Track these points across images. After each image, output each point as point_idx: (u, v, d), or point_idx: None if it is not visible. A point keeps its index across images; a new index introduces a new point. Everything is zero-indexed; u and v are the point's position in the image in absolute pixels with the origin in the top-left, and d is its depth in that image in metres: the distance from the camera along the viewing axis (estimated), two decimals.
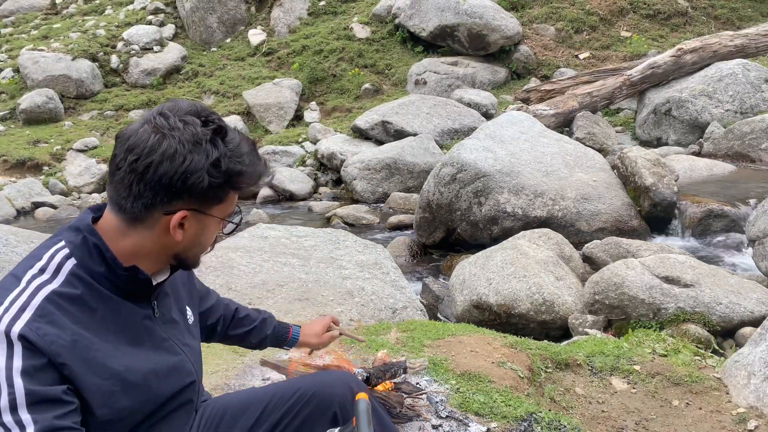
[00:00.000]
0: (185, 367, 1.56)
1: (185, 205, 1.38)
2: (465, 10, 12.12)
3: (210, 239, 1.50)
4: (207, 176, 1.36)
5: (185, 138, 1.34)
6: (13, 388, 1.25)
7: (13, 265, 1.55)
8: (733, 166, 7.54)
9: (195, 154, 1.34)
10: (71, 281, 1.37)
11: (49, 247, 1.41)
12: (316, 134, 10.73)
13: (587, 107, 9.65)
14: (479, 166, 6.08)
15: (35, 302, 1.32)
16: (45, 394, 1.27)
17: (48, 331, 1.30)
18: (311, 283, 4.13)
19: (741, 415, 2.78)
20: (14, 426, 1.25)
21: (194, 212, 1.40)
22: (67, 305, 1.35)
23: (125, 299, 1.44)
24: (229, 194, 1.43)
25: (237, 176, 1.40)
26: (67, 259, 1.39)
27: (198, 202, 1.39)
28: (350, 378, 1.80)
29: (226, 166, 1.38)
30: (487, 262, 4.73)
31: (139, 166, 1.34)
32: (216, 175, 1.37)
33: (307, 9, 14.46)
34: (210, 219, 1.44)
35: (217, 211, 1.44)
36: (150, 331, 1.49)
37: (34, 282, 1.35)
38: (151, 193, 1.35)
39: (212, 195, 1.39)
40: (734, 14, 13.26)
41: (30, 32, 15.23)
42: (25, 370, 1.27)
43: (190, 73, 13.41)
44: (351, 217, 7.93)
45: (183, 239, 1.42)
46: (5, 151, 10.69)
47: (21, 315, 1.30)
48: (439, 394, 2.62)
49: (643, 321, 4.02)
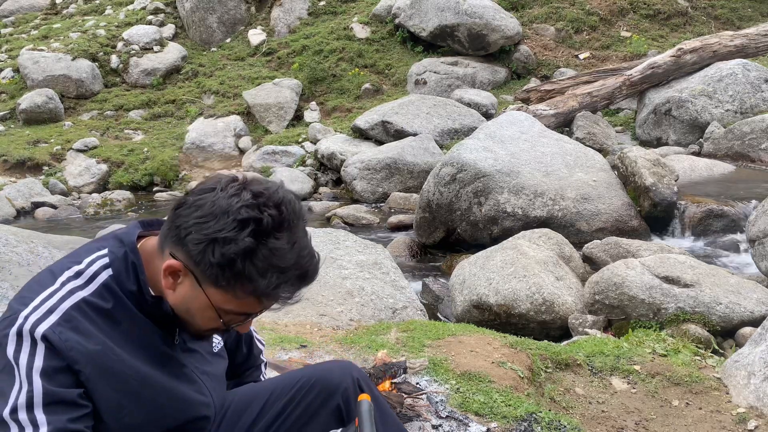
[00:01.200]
0: (200, 397, 1.54)
1: (183, 259, 1.31)
2: (465, 10, 12.12)
3: (204, 318, 1.38)
4: (205, 246, 1.27)
5: (221, 203, 1.27)
6: (32, 386, 1.27)
7: (14, 265, 1.57)
8: (733, 166, 7.54)
9: (212, 220, 1.27)
10: (102, 293, 1.38)
11: (92, 251, 1.42)
12: (316, 134, 10.73)
13: (587, 107, 9.65)
14: (479, 166, 6.08)
15: (64, 306, 1.33)
16: (61, 395, 1.29)
17: (70, 337, 1.31)
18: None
19: (741, 415, 2.78)
20: (28, 424, 1.26)
21: (191, 275, 1.32)
22: (93, 314, 1.36)
23: (150, 321, 1.43)
24: (235, 289, 1.30)
25: (237, 274, 1.27)
26: (104, 269, 1.39)
27: (197, 267, 1.30)
28: (351, 366, 1.79)
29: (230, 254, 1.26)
30: (487, 262, 4.73)
31: (181, 199, 1.35)
32: (214, 252, 1.26)
33: (307, 9, 14.45)
34: (203, 295, 1.33)
35: (214, 295, 1.32)
36: (169, 357, 1.48)
37: (68, 285, 1.36)
38: (166, 227, 1.35)
39: (211, 274, 1.29)
40: (734, 14, 13.26)
41: (30, 32, 15.22)
42: (45, 370, 1.28)
43: (190, 73, 13.41)
44: (351, 217, 7.93)
45: (174, 293, 1.36)
46: (5, 151, 10.69)
47: (48, 317, 1.31)
48: (439, 394, 2.62)
49: (643, 321, 4.02)
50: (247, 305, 1.34)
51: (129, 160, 10.62)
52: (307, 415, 1.69)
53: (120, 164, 10.60)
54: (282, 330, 3.46)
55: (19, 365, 1.28)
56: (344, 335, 3.38)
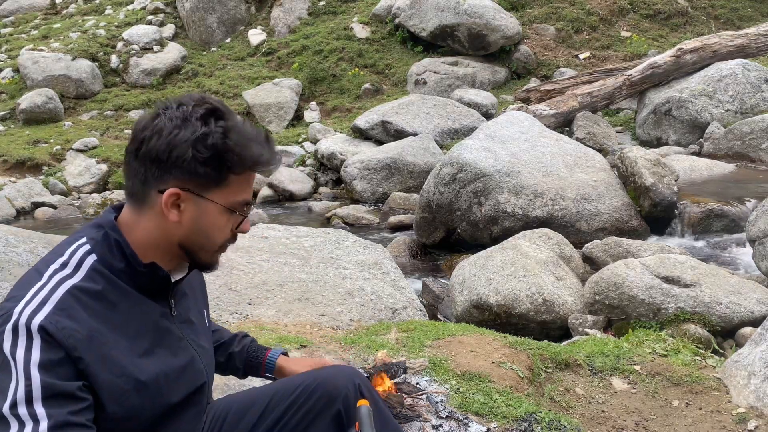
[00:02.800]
0: (197, 367, 1.56)
1: (177, 183, 1.38)
2: (465, 10, 12.12)
3: (215, 230, 1.45)
4: (192, 150, 1.36)
5: (175, 115, 1.37)
6: (30, 380, 1.26)
7: (14, 265, 1.59)
8: (733, 166, 7.53)
9: (182, 129, 1.36)
10: (92, 276, 1.39)
11: (71, 243, 1.43)
12: (316, 134, 10.73)
13: (587, 107, 9.65)
14: (479, 166, 6.08)
15: (56, 296, 1.34)
16: (61, 388, 1.28)
17: (66, 325, 1.31)
18: (311, 283, 4.13)
19: (741, 415, 2.78)
20: (28, 419, 1.25)
21: (190, 194, 1.39)
22: (87, 299, 1.36)
23: (144, 296, 1.45)
24: (230, 177, 1.40)
25: (227, 154, 1.38)
26: (88, 254, 1.40)
27: (191, 181, 1.38)
28: (353, 372, 1.79)
29: (214, 141, 1.36)
30: (487, 262, 4.73)
31: (134, 143, 1.39)
32: (201, 149, 1.36)
33: (307, 9, 14.45)
34: (209, 204, 1.41)
35: (218, 196, 1.41)
36: (166, 330, 1.49)
37: (56, 276, 1.37)
38: (143, 168, 1.38)
39: (206, 174, 1.38)
40: (734, 14, 13.26)
41: (30, 32, 15.23)
42: (43, 363, 1.28)
43: (190, 73, 13.41)
44: (351, 217, 7.93)
45: (182, 223, 1.41)
46: (5, 151, 10.69)
47: (42, 308, 1.31)
48: (439, 394, 2.62)
49: (643, 321, 4.02)
50: (244, 187, 1.44)
51: None
52: (307, 420, 1.69)
53: (120, 164, 10.58)
54: (282, 330, 3.46)
55: (16, 360, 1.27)
56: (344, 335, 3.38)
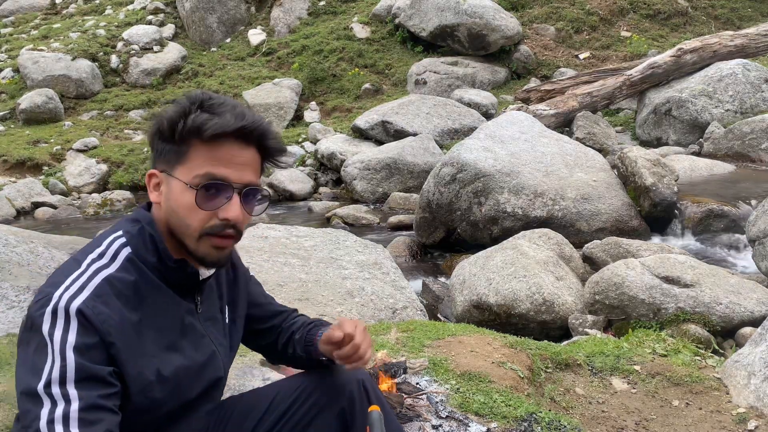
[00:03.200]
0: (216, 364, 1.61)
1: (158, 165, 1.47)
2: (465, 10, 12.12)
3: (184, 210, 1.44)
4: (164, 122, 1.44)
5: (173, 103, 1.47)
6: (65, 361, 1.32)
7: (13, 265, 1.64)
8: (733, 166, 7.54)
9: (171, 110, 1.45)
10: (127, 267, 1.45)
11: (108, 235, 1.50)
12: (316, 134, 10.73)
13: (587, 107, 9.65)
14: (479, 166, 6.08)
15: (93, 283, 1.40)
16: (93, 371, 1.34)
17: (102, 311, 1.37)
18: (311, 283, 4.13)
19: (741, 415, 2.78)
20: (60, 398, 1.30)
21: (163, 174, 1.46)
22: (121, 289, 1.42)
23: (173, 291, 1.50)
24: (190, 151, 1.42)
25: (185, 124, 1.41)
26: (123, 247, 1.47)
27: (161, 159, 1.46)
28: (356, 369, 1.78)
29: (177, 116, 1.43)
30: (487, 262, 4.73)
31: None
32: (165, 124, 1.43)
33: (307, 9, 14.45)
34: (173, 181, 1.44)
35: (180, 172, 1.43)
36: (191, 326, 1.54)
37: (94, 265, 1.43)
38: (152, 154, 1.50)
39: (171, 150, 1.44)
40: (734, 14, 13.26)
41: (30, 32, 15.22)
42: (78, 345, 1.33)
43: (190, 73, 13.41)
44: (351, 217, 7.93)
45: (162, 204, 1.47)
46: (5, 151, 10.69)
47: (80, 294, 1.37)
48: (439, 394, 2.62)
49: (643, 321, 4.02)
50: (208, 161, 1.42)
51: (129, 160, 10.62)
52: (311, 415, 1.70)
53: (120, 164, 10.59)
54: None
55: (53, 341, 1.33)
56: None
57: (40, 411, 1.29)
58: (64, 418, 1.29)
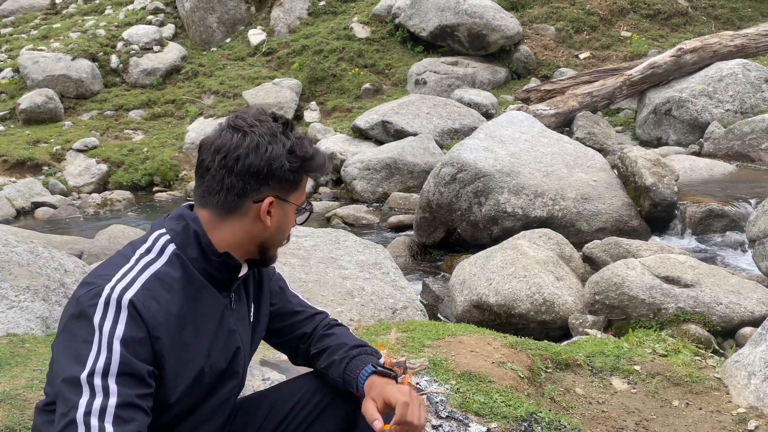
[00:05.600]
0: (238, 359, 1.63)
1: (271, 192, 1.53)
2: (465, 10, 12.11)
3: (289, 227, 1.62)
4: (286, 162, 1.52)
5: (263, 132, 1.51)
6: (111, 353, 1.36)
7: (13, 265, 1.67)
8: (733, 166, 7.54)
9: (274, 144, 1.51)
10: (173, 262, 1.51)
11: (153, 231, 1.56)
12: (316, 134, 10.73)
13: (587, 107, 9.64)
14: (479, 166, 6.07)
15: (143, 277, 1.46)
16: (136, 368, 1.38)
17: (151, 305, 1.43)
18: (311, 283, 4.13)
19: (741, 416, 2.78)
20: (100, 391, 1.34)
21: (278, 199, 1.55)
22: (169, 283, 1.48)
23: (212, 286, 1.55)
24: (303, 180, 1.59)
25: (309, 160, 1.56)
26: (168, 243, 1.53)
27: (281, 188, 1.55)
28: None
29: (300, 151, 1.54)
30: (487, 262, 4.73)
31: (228, 161, 1.50)
32: (293, 160, 1.53)
33: (307, 9, 14.44)
34: (290, 206, 1.59)
35: (294, 197, 1.59)
36: (224, 322, 1.58)
37: (143, 260, 1.49)
38: (241, 183, 1.50)
39: (291, 180, 1.55)
40: (734, 14, 13.25)
41: (30, 32, 15.22)
42: (125, 338, 1.38)
43: (190, 73, 13.40)
44: (351, 217, 7.93)
45: (271, 226, 1.56)
46: (5, 151, 10.69)
47: (131, 286, 1.43)
48: (439, 394, 2.62)
49: (643, 321, 4.02)
50: (305, 187, 1.63)
51: (129, 160, 10.62)
52: (314, 415, 1.72)
53: (120, 164, 10.60)
54: None
55: (102, 332, 1.37)
56: None
57: (79, 400, 1.32)
58: (101, 411, 1.32)
